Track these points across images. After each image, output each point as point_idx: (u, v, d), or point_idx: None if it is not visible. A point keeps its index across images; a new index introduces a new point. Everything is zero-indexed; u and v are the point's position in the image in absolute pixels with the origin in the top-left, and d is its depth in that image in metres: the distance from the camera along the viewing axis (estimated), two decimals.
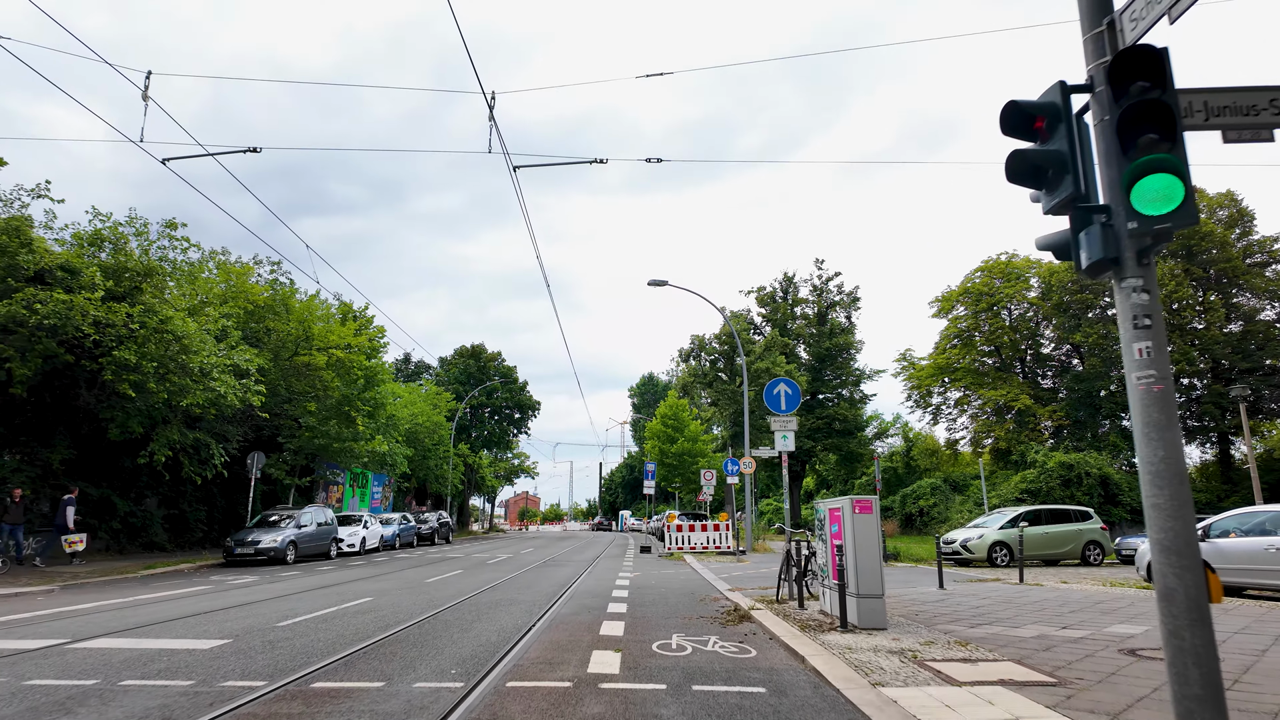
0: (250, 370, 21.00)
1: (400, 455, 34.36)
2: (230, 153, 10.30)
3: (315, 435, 25.83)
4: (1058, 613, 9.83)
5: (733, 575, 16.48)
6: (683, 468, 48.07)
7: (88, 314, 16.90)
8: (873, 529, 8.43)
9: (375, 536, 27.75)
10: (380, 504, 44.65)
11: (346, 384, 26.46)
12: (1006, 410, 42.65)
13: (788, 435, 11.95)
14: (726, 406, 33.16)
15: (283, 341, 24.68)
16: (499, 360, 56.48)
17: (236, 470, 25.40)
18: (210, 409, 20.08)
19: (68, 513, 18.15)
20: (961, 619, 9.24)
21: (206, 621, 9.10)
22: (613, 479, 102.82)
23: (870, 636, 7.78)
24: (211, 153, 10.29)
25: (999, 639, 7.75)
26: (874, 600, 8.29)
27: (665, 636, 8.06)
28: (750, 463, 26.58)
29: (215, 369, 19.60)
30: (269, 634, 8.12)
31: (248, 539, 20.47)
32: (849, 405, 46.79)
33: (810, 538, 11.68)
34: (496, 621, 9.15)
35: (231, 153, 10.30)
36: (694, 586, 14.03)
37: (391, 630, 8.34)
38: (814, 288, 49.34)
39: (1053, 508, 21.85)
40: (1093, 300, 40.85)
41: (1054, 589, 13.24)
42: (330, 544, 23.70)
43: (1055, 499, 35.22)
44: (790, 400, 11.85)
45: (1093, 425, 40.86)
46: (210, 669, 6.33)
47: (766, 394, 11.96)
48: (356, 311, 28.53)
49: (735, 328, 24.41)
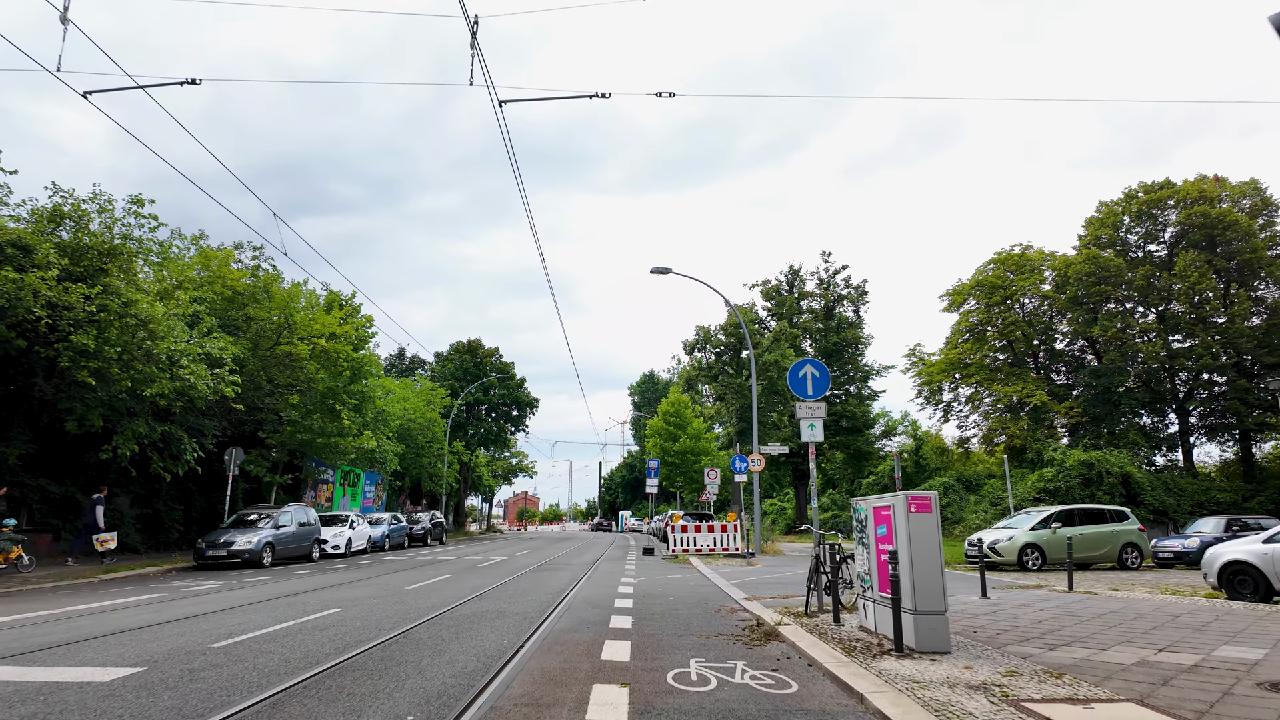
0: (224, 359, 19.52)
1: (391, 452, 32.83)
2: (163, 85, 8.78)
3: (298, 430, 24.34)
4: (1139, 630, 8.36)
5: (746, 581, 15.01)
6: (685, 466, 46.57)
7: (40, 294, 15.43)
8: (932, 532, 6.96)
9: (362, 538, 26.25)
10: (373, 503, 43.15)
11: (331, 376, 24.99)
12: (1021, 407, 41.17)
13: (815, 424, 10.48)
14: (733, 401, 31.69)
15: (263, 330, 23.19)
16: (496, 356, 54.90)
17: (216, 467, 23.94)
18: (178, 400, 18.59)
19: (98, 512, 18.36)
20: (1030, 638, 7.77)
21: (129, 642, 7.62)
22: (612, 478, 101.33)
23: (936, 664, 6.31)
24: (141, 85, 8.75)
25: (1094, 667, 6.28)
26: (935, 618, 6.82)
27: (681, 662, 6.59)
28: (759, 460, 25.13)
29: (184, 357, 18.13)
30: (195, 659, 6.64)
31: (220, 540, 18.99)
32: (857, 402, 45.33)
33: (837, 540, 10.22)
34: (478, 641, 7.68)
35: (165, 85, 8.78)
36: (705, 594, 12.57)
37: (347, 654, 6.87)
38: (821, 281, 47.85)
39: (1086, 507, 20.38)
40: (1110, 292, 39.36)
41: (1112, 598, 11.77)
42: (312, 546, 22.21)
43: (1075, 499, 33.76)
44: (818, 384, 10.39)
45: (1110, 422, 39.36)
46: (92, 713, 4.86)
47: (791, 377, 10.49)
48: (344, 299, 27.00)
49: (742, 320, 22.97)
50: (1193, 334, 37.67)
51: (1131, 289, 39.02)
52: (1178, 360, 37.82)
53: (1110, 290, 39.38)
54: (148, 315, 17.28)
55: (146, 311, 17.29)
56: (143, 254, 18.72)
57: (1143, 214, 40.52)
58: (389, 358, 57.93)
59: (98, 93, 8.76)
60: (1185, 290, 37.17)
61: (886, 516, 7.41)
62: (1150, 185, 40.78)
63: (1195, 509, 34.60)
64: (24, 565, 16.56)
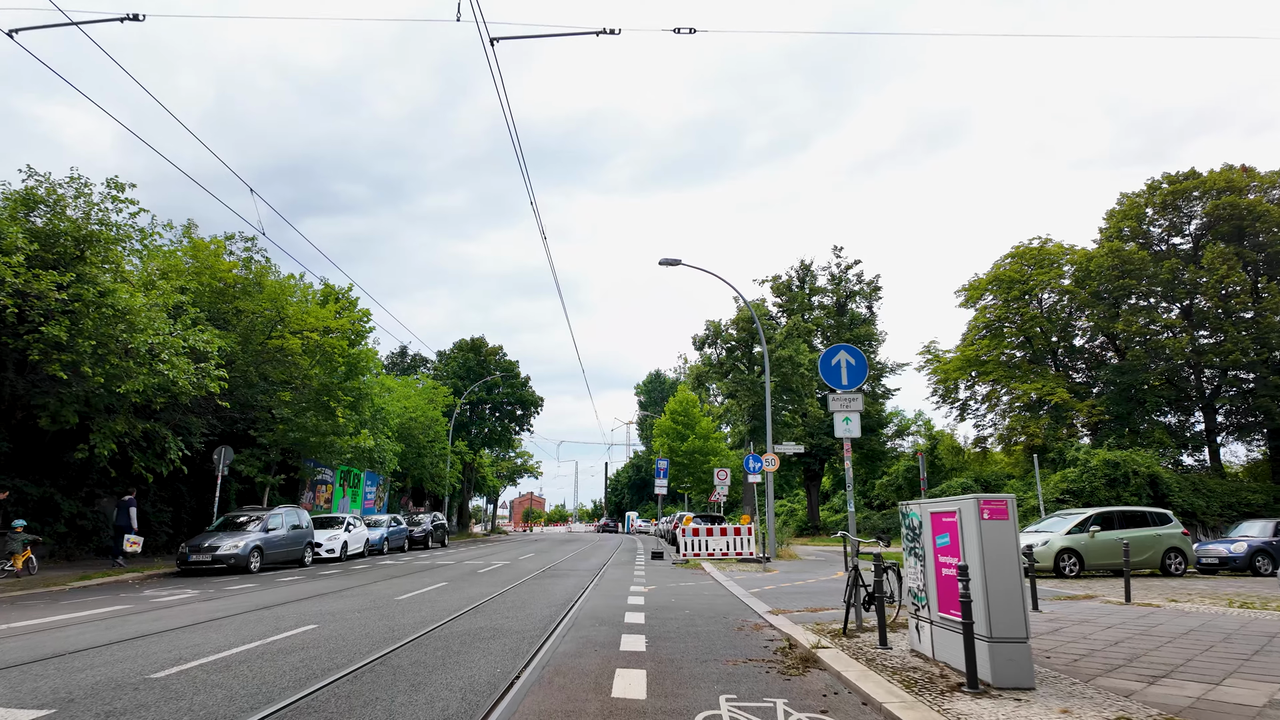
0: (209, 353, 18.44)
1: (390, 452, 31.72)
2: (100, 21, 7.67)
3: (291, 428, 23.25)
4: (1239, 655, 7.16)
5: (765, 590, 13.86)
6: (694, 467, 45.34)
7: (5, 281, 14.37)
8: (1010, 541, 5.79)
9: (359, 541, 25.15)
10: (374, 505, 42.08)
11: (326, 372, 23.90)
12: (1040, 405, 39.83)
13: (852, 417, 9.32)
14: (745, 398, 30.45)
15: (254, 324, 22.12)
16: (500, 354, 53.74)
17: (208, 467, 22.89)
18: (159, 396, 17.51)
19: (130, 513, 18.69)
20: (1117, 665, 6.59)
21: (54, 672, 6.50)
22: (618, 479, 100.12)
23: (1024, 706, 5.13)
24: (75, 21, 7.64)
25: (1221, 711, 5.10)
26: (1016, 646, 5.65)
27: (709, 701, 5.44)
28: (774, 459, 23.92)
29: (166, 350, 17.05)
30: (121, 697, 5.52)
31: (204, 544, 17.92)
32: (870, 400, 44.02)
33: (877, 548, 9.06)
34: (466, 669, 6.54)
35: (103, 21, 7.66)
36: (724, 606, 11.41)
37: (310, 688, 5.74)
38: (832, 276, 46.62)
39: (1126, 510, 19.12)
40: (1134, 286, 38.01)
41: (1180, 612, 10.55)
42: (304, 550, 21.11)
43: (1099, 500, 32.48)
44: (854, 372, 9.24)
45: (1134, 421, 38.01)
46: None
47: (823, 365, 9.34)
48: (340, 292, 25.89)
49: (755, 313, 21.81)
50: (1220, 329, 36.31)
51: (1156, 283, 37.67)
52: (1204, 356, 36.46)
53: (1134, 284, 38.04)
54: (126, 306, 16.21)
55: (125, 302, 16.23)
56: (121, 241, 17.63)
57: (1167, 205, 39.17)
58: (390, 356, 56.89)
59: (25, 30, 7.64)
60: (1212, 284, 35.83)
61: (950, 524, 6.24)
62: (1174, 176, 39.39)
63: (1225, 510, 33.28)
64: (33, 569, 16.14)
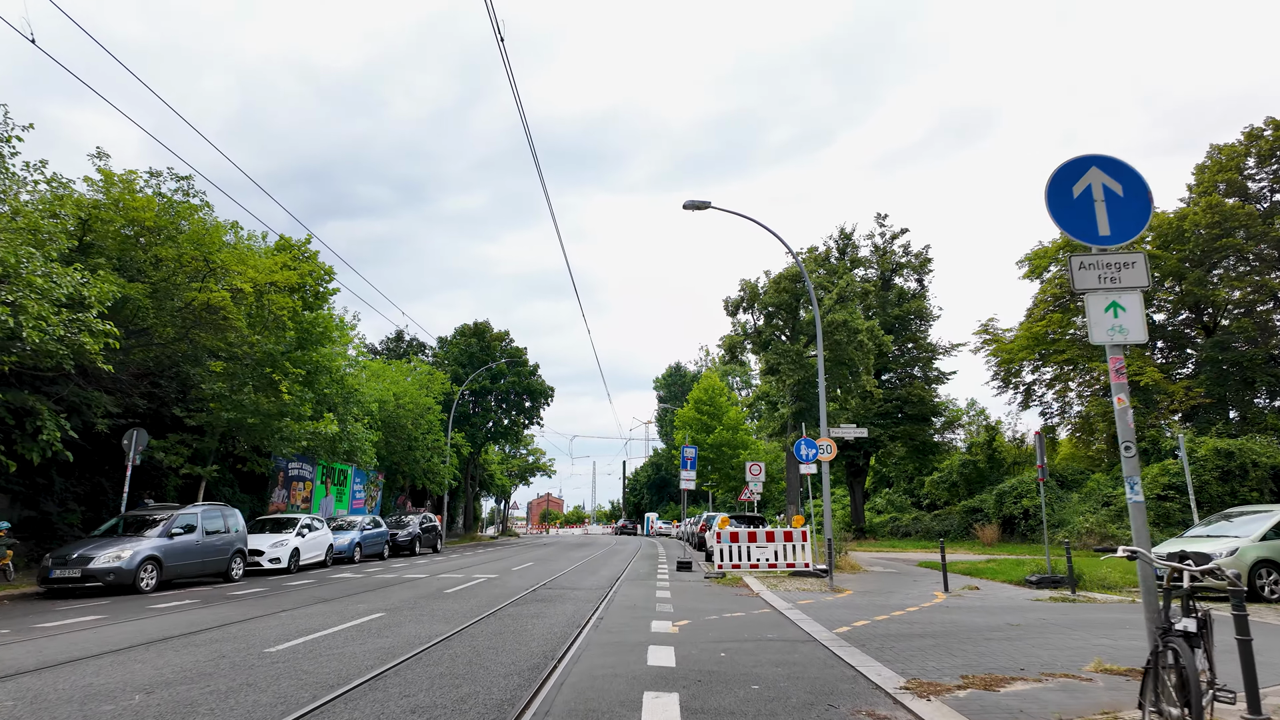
0: (88, 299, 13.82)
1: (366, 441, 27.02)
2: None
3: (224, 406, 18.61)
4: None
5: (857, 628, 8.92)
6: (721, 461, 40.34)
7: None
8: None
9: (316, 547, 20.43)
10: (364, 504, 37.56)
11: (273, 339, 19.28)
12: None
13: (1129, 303, 4.33)
14: (789, 374, 25.45)
15: (174, 275, 17.54)
16: (507, 340, 48.92)
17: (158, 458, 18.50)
18: (6, 356, 12.91)
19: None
20: None
21: None
22: (637, 479, 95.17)
23: None
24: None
25: None
26: None
27: None
28: (830, 446, 18.87)
29: (15, 292, 12.45)
30: None
31: (73, 556, 13.27)
32: (922, 385, 38.77)
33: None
34: None
35: None
36: (809, 664, 6.52)
37: None
38: (875, 248, 41.42)
39: None
40: (1237, 246, 32.49)
41: None
42: (230, 560, 16.40)
43: (1210, 495, 27.19)
44: (1124, 210, 4.30)
45: (1242, 404, 32.49)
46: None
47: (1053, 198, 4.53)
48: (296, 244, 21.18)
49: (804, 269, 17.03)
50: None
51: (1264, 242, 32.15)
52: None
53: (1237, 243, 32.53)
54: None
55: None
56: None
57: (1273, 154, 33.60)
58: (385, 341, 52.33)
59: None
60: None
61: None
62: None
63: None
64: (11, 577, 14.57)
